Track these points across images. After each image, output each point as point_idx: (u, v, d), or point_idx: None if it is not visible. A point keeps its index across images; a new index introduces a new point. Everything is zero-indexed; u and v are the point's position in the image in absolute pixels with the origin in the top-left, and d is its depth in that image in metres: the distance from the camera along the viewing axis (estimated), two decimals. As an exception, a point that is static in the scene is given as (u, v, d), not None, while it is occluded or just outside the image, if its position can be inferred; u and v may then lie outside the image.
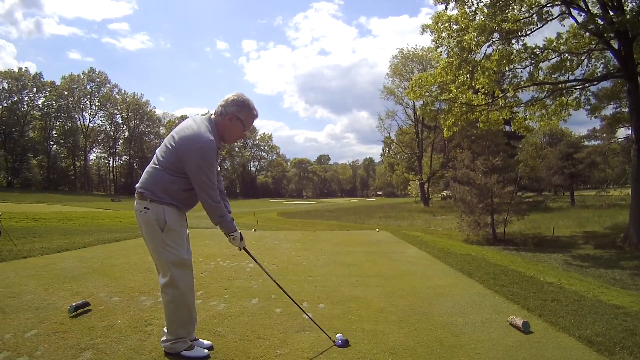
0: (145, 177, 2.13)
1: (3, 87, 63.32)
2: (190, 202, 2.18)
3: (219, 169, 2.44)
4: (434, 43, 15.03)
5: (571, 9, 13.09)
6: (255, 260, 2.50)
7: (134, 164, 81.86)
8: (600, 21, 11.82)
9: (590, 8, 12.77)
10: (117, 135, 79.07)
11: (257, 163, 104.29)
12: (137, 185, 2.14)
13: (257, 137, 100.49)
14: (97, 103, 74.04)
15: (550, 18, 13.22)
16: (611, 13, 11.86)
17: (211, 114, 2.24)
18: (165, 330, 2.18)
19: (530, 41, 20.86)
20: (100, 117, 76.02)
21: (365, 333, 2.56)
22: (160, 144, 2.23)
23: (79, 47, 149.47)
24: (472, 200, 16.08)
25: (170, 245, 2.08)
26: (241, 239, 2.25)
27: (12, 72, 64.84)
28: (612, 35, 11.98)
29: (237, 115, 2.16)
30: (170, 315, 2.12)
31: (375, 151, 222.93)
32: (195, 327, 2.31)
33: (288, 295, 2.63)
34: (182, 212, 2.20)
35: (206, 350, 2.17)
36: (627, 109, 15.38)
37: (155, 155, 2.17)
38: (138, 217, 2.13)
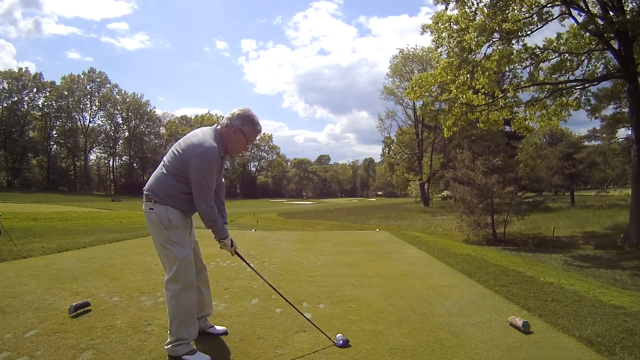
0: (151, 180, 2.24)
1: (3, 87, 63.44)
2: (192, 205, 2.23)
3: (223, 180, 2.48)
4: (434, 43, 15.04)
5: (571, 9, 13.10)
6: (249, 265, 2.55)
7: (134, 164, 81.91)
8: (600, 21, 11.82)
9: (590, 8, 12.78)
10: (117, 136, 79.09)
11: (257, 163, 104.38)
12: (144, 188, 2.24)
13: (257, 138, 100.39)
14: (97, 103, 74.11)
15: (551, 18, 13.23)
16: (611, 13, 11.87)
17: (218, 126, 2.32)
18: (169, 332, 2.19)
19: (530, 41, 20.86)
20: (101, 117, 76.22)
21: (365, 333, 2.56)
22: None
23: (78, 46, 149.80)
24: (472, 200, 16.09)
25: (174, 241, 2.17)
26: (232, 244, 2.34)
27: (12, 72, 64.95)
28: (612, 35, 11.99)
29: (241, 129, 2.26)
30: (172, 311, 2.13)
31: (375, 151, 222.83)
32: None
33: (285, 299, 2.64)
34: (185, 215, 2.26)
35: (208, 356, 2.15)
36: (627, 109, 15.40)
37: (162, 161, 2.27)
38: (146, 218, 2.25)
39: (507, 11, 13.11)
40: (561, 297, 3.52)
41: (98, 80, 73.81)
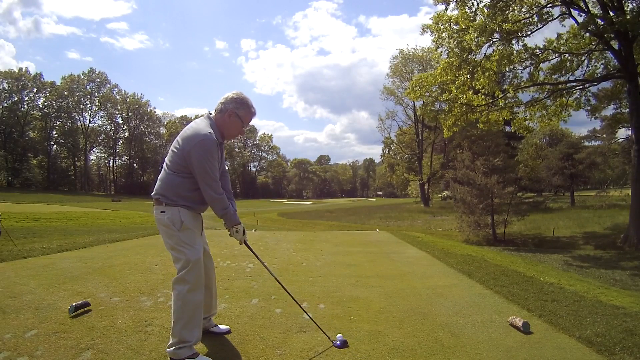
0: (158, 183, 2.23)
1: (3, 87, 63.51)
2: (201, 200, 2.23)
3: (227, 168, 2.47)
4: (434, 43, 15.05)
5: (571, 10, 13.10)
6: (256, 256, 2.54)
7: (134, 164, 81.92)
8: (600, 21, 11.81)
9: (590, 8, 12.78)
10: (117, 136, 79.14)
11: (257, 163, 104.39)
12: (152, 193, 2.24)
13: (257, 138, 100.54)
14: (97, 103, 74.15)
15: (551, 18, 13.23)
16: (611, 13, 11.86)
17: (210, 113, 2.32)
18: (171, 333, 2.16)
19: (530, 42, 20.91)
20: (101, 117, 76.34)
21: (365, 333, 2.56)
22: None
23: (77, 46, 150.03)
24: (472, 200, 16.08)
25: (186, 242, 2.17)
26: (243, 232, 2.31)
27: (13, 72, 65.02)
28: (612, 35, 11.98)
29: (236, 112, 2.26)
30: (176, 312, 2.10)
31: (375, 151, 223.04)
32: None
33: (289, 294, 2.63)
34: (196, 213, 2.27)
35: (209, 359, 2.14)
36: (627, 110, 15.39)
37: (164, 162, 2.27)
38: (157, 222, 2.22)
39: (507, 11, 13.11)
40: (561, 297, 3.52)
41: (98, 80, 73.85)
